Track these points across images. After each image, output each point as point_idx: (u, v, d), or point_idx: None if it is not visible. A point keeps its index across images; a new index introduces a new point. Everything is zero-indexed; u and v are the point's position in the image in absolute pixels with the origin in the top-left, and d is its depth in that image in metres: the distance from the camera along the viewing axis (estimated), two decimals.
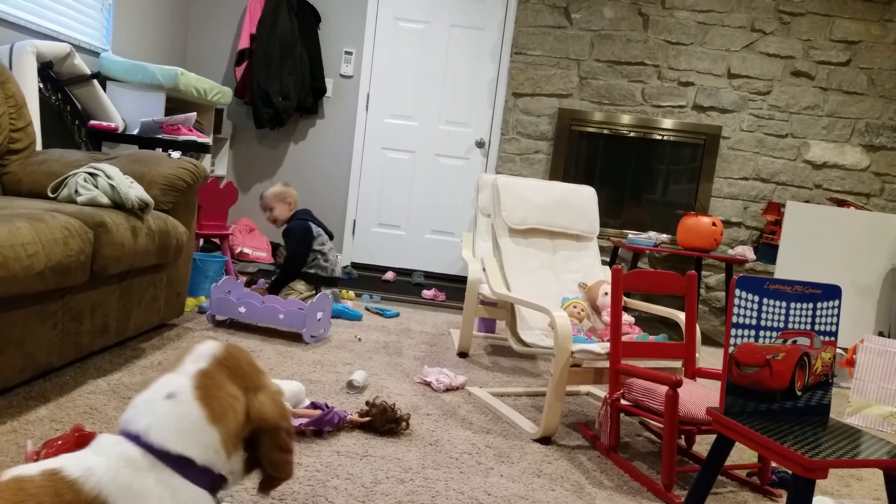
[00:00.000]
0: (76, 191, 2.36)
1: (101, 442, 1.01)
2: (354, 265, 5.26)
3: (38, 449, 1.57)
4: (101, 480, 0.94)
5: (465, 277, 3.27)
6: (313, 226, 3.73)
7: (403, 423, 2.11)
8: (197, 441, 1.04)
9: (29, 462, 1.53)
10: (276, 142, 5.26)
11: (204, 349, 1.14)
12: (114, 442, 1.01)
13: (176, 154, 3.56)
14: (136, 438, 1.01)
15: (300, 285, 3.71)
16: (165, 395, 1.05)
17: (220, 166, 5.15)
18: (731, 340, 1.60)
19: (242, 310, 3.05)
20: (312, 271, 3.69)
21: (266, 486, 1.18)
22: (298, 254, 3.67)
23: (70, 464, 0.95)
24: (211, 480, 1.05)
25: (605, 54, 4.96)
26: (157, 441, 1.01)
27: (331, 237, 3.86)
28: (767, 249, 4.81)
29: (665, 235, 4.74)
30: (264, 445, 1.12)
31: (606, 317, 2.61)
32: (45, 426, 1.81)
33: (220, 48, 5.19)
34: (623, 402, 2.12)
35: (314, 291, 3.66)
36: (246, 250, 4.77)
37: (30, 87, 3.00)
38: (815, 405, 1.71)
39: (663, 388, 1.92)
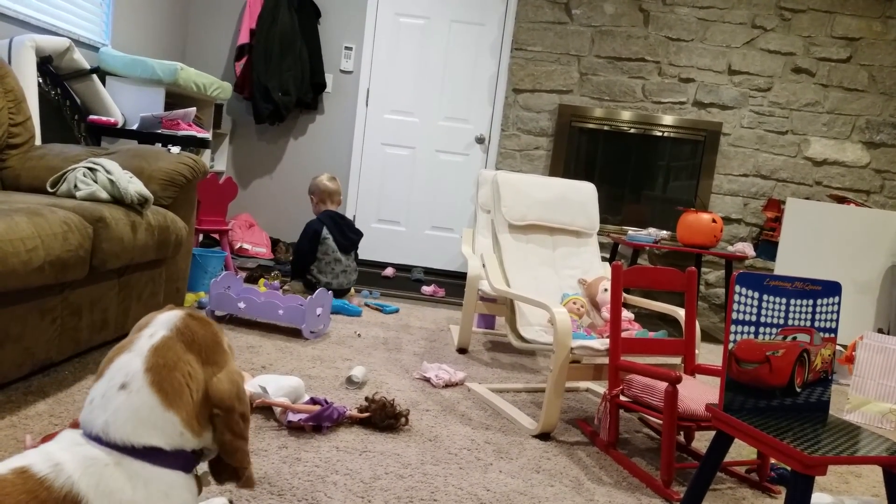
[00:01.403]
0: (75, 186, 2.35)
1: (67, 437, 0.99)
2: None
3: (37, 444, 1.57)
4: (70, 478, 0.92)
5: (465, 273, 3.27)
6: (328, 233, 3.72)
7: (403, 419, 2.11)
8: (158, 429, 1.01)
9: None
10: (275, 137, 5.25)
11: (162, 319, 1.09)
12: (77, 441, 0.98)
13: (175, 149, 3.55)
14: (97, 439, 0.98)
15: (297, 286, 3.73)
16: (119, 386, 1.01)
17: (219, 161, 5.14)
18: (731, 337, 1.60)
19: (242, 305, 3.05)
20: (309, 276, 3.74)
21: (221, 474, 1.14)
22: (299, 251, 3.75)
23: (38, 459, 0.93)
24: (184, 460, 1.03)
25: (605, 50, 4.95)
26: (118, 438, 0.98)
27: (351, 248, 3.83)
28: (767, 246, 4.81)
29: (665, 232, 4.74)
30: (218, 427, 1.07)
31: (606, 313, 2.61)
32: (43, 421, 1.81)
33: (219, 43, 5.18)
34: (622, 398, 2.12)
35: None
36: (245, 245, 4.76)
37: (29, 82, 3.00)
38: (815, 402, 1.71)
39: (663, 385, 1.92)
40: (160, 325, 1.08)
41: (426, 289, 4.50)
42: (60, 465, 0.93)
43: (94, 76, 3.49)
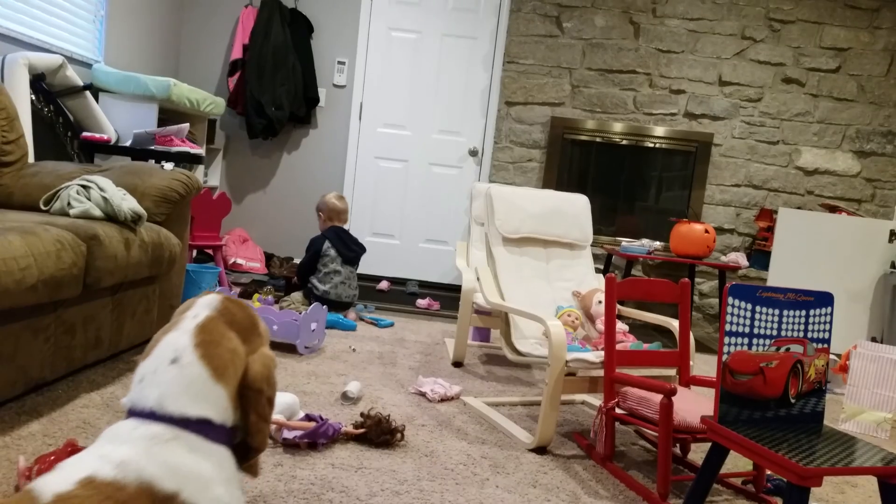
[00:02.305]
0: (69, 203, 2.35)
1: (116, 431, 0.99)
2: None
3: (31, 465, 1.56)
4: (138, 469, 0.93)
5: (460, 286, 3.27)
6: (330, 246, 3.83)
7: (398, 435, 2.11)
8: (210, 401, 1.04)
9: (21, 479, 1.52)
10: (269, 152, 5.26)
11: (203, 301, 1.13)
12: (131, 427, 0.99)
13: (169, 165, 3.56)
14: (151, 414, 0.99)
15: (298, 296, 3.78)
16: (170, 361, 1.04)
17: (213, 177, 5.14)
18: (725, 348, 1.61)
19: None
20: (308, 287, 3.82)
21: (243, 455, 1.13)
22: (302, 264, 3.88)
23: (97, 465, 0.93)
24: (227, 436, 1.06)
25: (596, 63, 4.98)
26: (174, 410, 1.00)
27: (355, 260, 3.92)
28: (760, 256, 4.83)
29: (658, 243, 4.76)
30: (245, 407, 1.09)
31: (601, 325, 2.61)
32: (37, 441, 1.80)
33: (212, 59, 5.20)
34: (618, 410, 2.12)
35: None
36: (239, 261, 4.76)
37: (22, 99, 3.00)
38: (809, 412, 1.71)
39: (658, 397, 1.92)
40: (202, 306, 1.12)
41: (421, 302, 4.50)
42: (125, 461, 0.93)
43: (87, 93, 3.50)
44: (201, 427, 1.01)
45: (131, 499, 0.90)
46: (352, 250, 3.91)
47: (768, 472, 2.09)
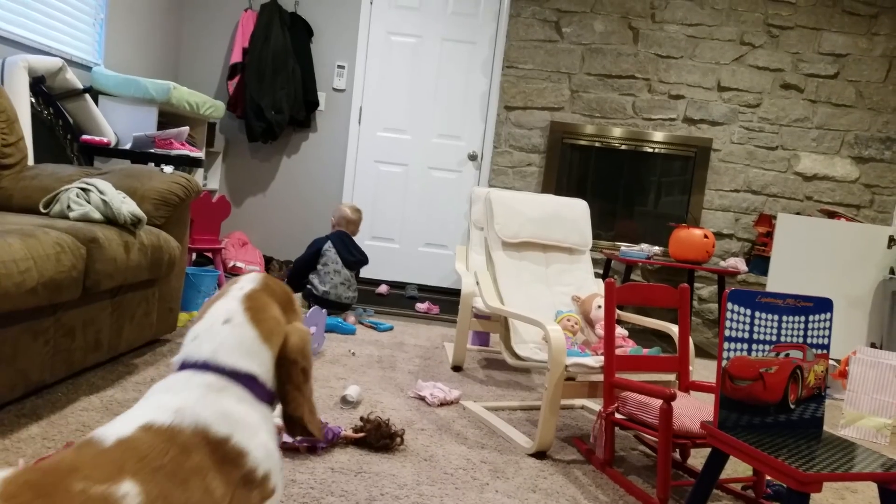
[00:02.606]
0: (68, 206, 2.35)
1: (170, 382, 1.05)
2: None
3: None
4: (194, 415, 1.00)
5: (459, 290, 3.27)
6: (331, 247, 3.89)
7: (398, 439, 2.11)
8: (257, 359, 1.12)
9: None
10: (268, 155, 5.26)
11: (248, 277, 1.23)
12: (185, 377, 1.06)
13: (168, 168, 3.55)
14: (204, 365, 1.07)
15: (296, 297, 3.80)
16: (223, 321, 1.12)
17: (212, 180, 5.14)
18: (724, 354, 1.61)
19: None
20: (308, 287, 3.86)
21: (292, 428, 1.21)
22: (297, 261, 3.95)
23: (155, 412, 0.99)
24: (269, 397, 1.13)
25: (595, 68, 4.99)
26: (226, 362, 1.08)
27: (355, 265, 3.95)
28: (759, 261, 4.83)
29: (657, 248, 4.76)
30: (280, 375, 1.16)
31: (600, 330, 2.61)
32: (37, 444, 1.80)
33: (212, 62, 5.20)
34: (617, 415, 2.12)
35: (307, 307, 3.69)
36: (239, 264, 4.75)
37: (21, 102, 3.00)
38: (809, 418, 1.71)
39: (657, 402, 1.92)
40: (247, 280, 1.21)
41: (420, 306, 4.49)
42: (181, 408, 0.99)
43: (87, 96, 3.50)
44: (249, 382, 1.09)
45: (188, 442, 0.98)
46: (353, 255, 3.94)
47: (768, 478, 2.09)
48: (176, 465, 0.94)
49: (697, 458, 2.36)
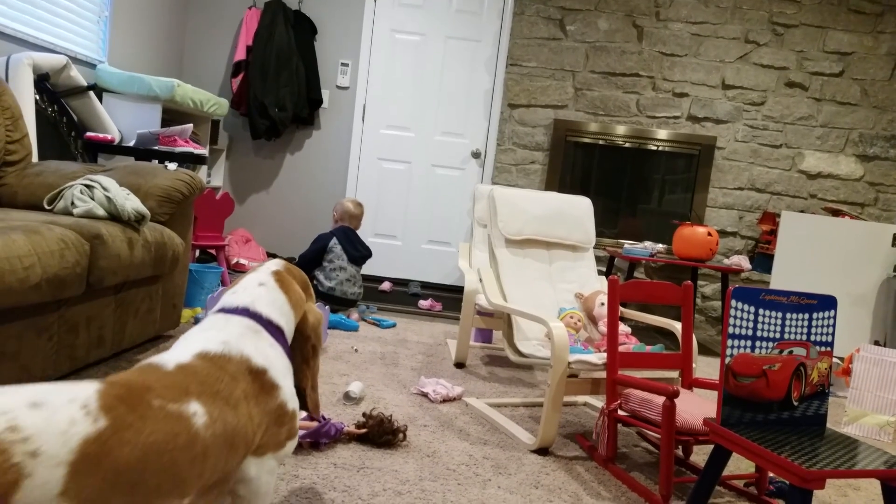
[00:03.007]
0: (72, 203, 2.35)
1: (212, 321, 1.24)
2: None
3: None
4: (239, 347, 1.19)
5: (462, 287, 3.27)
6: (336, 243, 3.90)
7: (400, 435, 2.11)
8: (285, 318, 1.32)
9: None
10: (272, 153, 5.27)
11: (273, 262, 1.42)
12: (225, 318, 1.24)
13: (172, 165, 3.56)
14: (244, 311, 1.26)
15: None
16: (257, 284, 1.33)
17: (216, 177, 5.15)
18: (728, 351, 1.61)
19: None
20: (314, 283, 3.86)
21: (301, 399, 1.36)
22: (303, 257, 3.94)
23: (207, 343, 1.18)
24: (289, 355, 1.29)
25: (599, 66, 4.98)
26: (262, 311, 1.28)
27: (361, 260, 3.96)
28: (763, 259, 4.83)
29: (661, 245, 4.75)
30: (293, 347, 1.33)
31: (603, 327, 2.61)
32: None
33: (216, 60, 5.21)
34: (620, 412, 2.11)
35: None
36: (242, 261, 4.76)
37: (26, 99, 3.01)
38: (812, 415, 1.71)
39: (660, 399, 1.92)
40: (273, 264, 1.41)
41: (423, 303, 4.50)
42: (228, 341, 1.19)
43: (91, 93, 3.50)
44: (278, 333, 1.28)
45: (236, 370, 1.16)
46: (358, 251, 3.95)
47: (771, 475, 2.08)
48: (229, 392, 1.12)
49: (700, 455, 2.36)
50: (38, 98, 3.18)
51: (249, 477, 1.19)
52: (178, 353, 1.14)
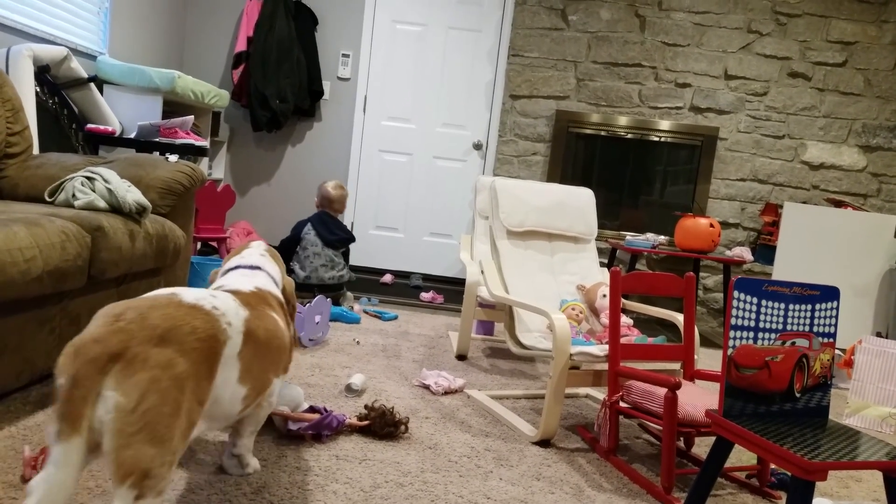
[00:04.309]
0: (73, 195, 2.35)
1: (242, 272, 1.66)
2: (352, 268, 5.25)
3: (37, 454, 1.56)
4: (265, 286, 1.62)
5: (464, 279, 3.27)
6: (310, 229, 3.84)
7: (402, 427, 2.11)
8: (278, 279, 1.75)
9: (27, 469, 1.52)
10: (273, 145, 5.26)
11: (259, 242, 1.83)
12: (243, 272, 1.66)
13: (173, 157, 3.55)
14: (257, 267, 1.69)
15: None
16: (259, 255, 1.76)
17: (217, 169, 5.14)
18: (730, 342, 1.60)
19: None
20: (292, 274, 3.85)
21: None
22: (282, 242, 3.95)
23: (254, 283, 1.60)
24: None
25: (602, 56, 4.96)
26: (268, 268, 1.73)
27: (339, 244, 3.89)
28: (765, 250, 4.81)
29: (663, 237, 4.75)
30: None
31: (605, 319, 2.61)
32: (42, 432, 1.81)
33: (216, 51, 5.19)
34: (622, 404, 2.11)
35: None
36: None
37: (26, 91, 3.00)
38: (814, 407, 1.71)
39: (662, 391, 1.92)
40: (261, 244, 1.82)
41: (425, 295, 4.50)
42: (261, 284, 1.62)
43: (92, 85, 3.49)
44: (277, 287, 1.71)
45: (275, 301, 1.62)
46: (333, 234, 3.86)
47: (773, 466, 2.09)
48: (280, 313, 1.59)
49: (702, 447, 2.36)
50: (38, 90, 3.17)
51: (271, 392, 1.60)
52: (240, 284, 1.56)
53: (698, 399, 1.99)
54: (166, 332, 1.15)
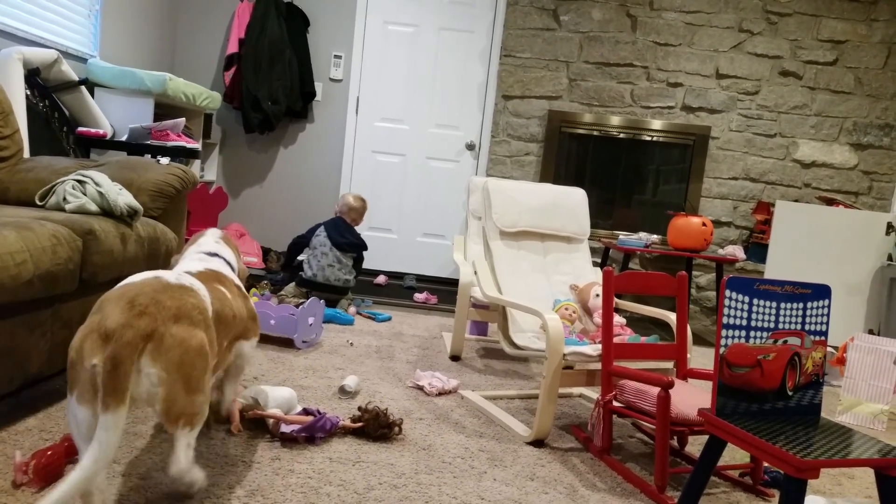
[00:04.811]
0: (64, 198, 2.34)
1: (199, 257, 1.87)
2: None
3: (28, 460, 1.55)
4: (217, 268, 1.83)
5: (457, 280, 3.27)
6: (323, 233, 3.90)
7: (396, 428, 2.11)
8: (234, 262, 1.99)
9: (18, 474, 1.51)
10: (265, 146, 5.25)
11: (214, 230, 2.06)
12: (201, 257, 1.87)
13: (165, 160, 3.54)
14: (214, 254, 1.90)
15: (290, 287, 3.83)
16: (215, 242, 1.97)
17: (209, 171, 5.13)
18: (722, 341, 1.61)
19: None
20: (300, 273, 3.89)
21: None
22: (291, 243, 4.05)
23: (206, 265, 1.82)
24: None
25: (593, 56, 4.97)
26: (223, 254, 1.94)
27: (348, 248, 3.89)
28: (757, 249, 4.83)
29: (655, 236, 4.76)
30: None
31: (598, 318, 2.61)
32: (34, 436, 1.80)
33: (208, 53, 5.18)
34: (615, 403, 2.12)
35: (304, 295, 3.70)
36: None
37: (17, 94, 2.98)
38: (807, 405, 1.72)
39: (655, 390, 1.93)
40: (216, 231, 2.06)
41: (418, 296, 4.49)
42: (216, 267, 1.85)
43: (83, 88, 3.48)
44: (230, 269, 1.93)
45: (227, 280, 1.82)
46: (344, 237, 3.90)
47: (766, 465, 2.09)
48: (229, 288, 1.78)
49: (695, 446, 2.37)
50: (28, 93, 3.15)
51: (244, 352, 1.89)
52: (192, 266, 1.77)
53: (691, 398, 2.00)
54: (178, 311, 1.41)
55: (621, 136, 5.01)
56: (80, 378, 1.30)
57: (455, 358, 3.19)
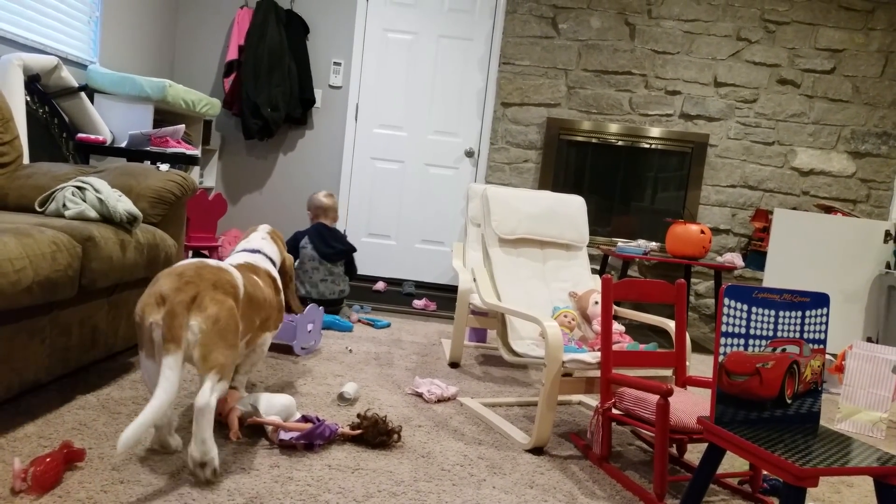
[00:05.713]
0: (64, 205, 2.34)
1: (244, 254, 2.22)
2: None
3: (26, 467, 1.55)
4: (261, 263, 2.22)
5: (456, 287, 3.27)
6: (307, 242, 3.75)
7: (395, 436, 2.10)
8: (276, 257, 2.33)
9: (17, 481, 1.51)
10: (265, 153, 5.25)
11: (265, 226, 2.41)
12: (252, 254, 2.23)
13: (164, 166, 3.55)
14: (258, 251, 2.26)
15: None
16: (261, 238, 2.33)
17: (208, 178, 5.14)
18: (721, 349, 1.61)
19: None
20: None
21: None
22: None
23: (247, 259, 2.19)
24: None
25: (592, 64, 4.99)
26: (268, 251, 2.30)
27: (336, 257, 3.78)
28: (756, 256, 4.84)
29: (654, 243, 4.77)
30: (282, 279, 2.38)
31: (597, 326, 2.61)
32: (32, 443, 1.80)
33: (208, 60, 5.19)
34: (614, 411, 2.12)
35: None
36: None
37: (17, 101, 2.99)
38: (805, 413, 1.72)
39: (654, 398, 1.92)
40: (265, 227, 2.41)
41: (417, 303, 4.49)
42: (256, 262, 2.19)
43: (83, 94, 3.49)
44: (273, 265, 2.29)
45: (264, 273, 2.17)
46: (331, 247, 3.77)
47: (765, 473, 2.09)
48: (261, 280, 2.10)
49: (694, 454, 2.36)
50: (28, 99, 3.16)
51: (263, 342, 2.17)
52: (234, 260, 2.15)
53: (690, 405, 2.00)
54: (216, 282, 1.76)
55: (620, 143, 5.02)
56: (144, 336, 1.67)
57: (454, 365, 3.19)
